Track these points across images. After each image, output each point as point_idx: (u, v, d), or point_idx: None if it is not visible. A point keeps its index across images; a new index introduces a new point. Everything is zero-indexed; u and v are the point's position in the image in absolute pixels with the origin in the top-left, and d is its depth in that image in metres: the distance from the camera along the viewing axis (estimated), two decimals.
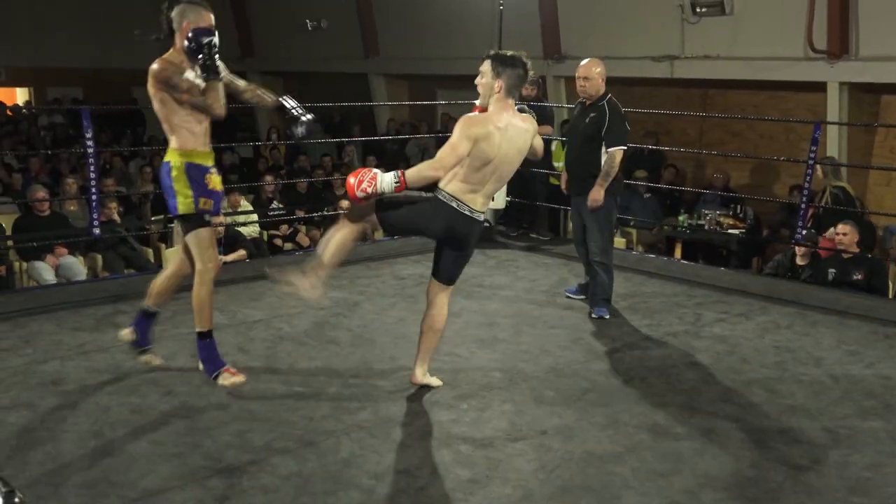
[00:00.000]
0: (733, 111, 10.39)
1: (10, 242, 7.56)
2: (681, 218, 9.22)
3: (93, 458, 3.39)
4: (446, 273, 4.01)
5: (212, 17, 3.84)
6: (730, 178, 10.28)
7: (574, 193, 5.67)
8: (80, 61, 16.24)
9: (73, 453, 3.43)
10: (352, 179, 3.74)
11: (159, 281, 4.20)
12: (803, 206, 6.81)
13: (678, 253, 9.05)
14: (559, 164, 8.29)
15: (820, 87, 9.08)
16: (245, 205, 9.11)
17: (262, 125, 16.26)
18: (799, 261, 7.13)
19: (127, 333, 4.27)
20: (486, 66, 3.87)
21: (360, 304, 5.69)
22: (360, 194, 3.72)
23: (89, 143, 6.10)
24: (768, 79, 9.48)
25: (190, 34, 3.74)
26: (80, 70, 16.48)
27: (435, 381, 4.20)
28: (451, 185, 3.84)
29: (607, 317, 5.51)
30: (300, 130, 4.09)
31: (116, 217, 8.20)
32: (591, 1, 10.73)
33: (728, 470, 3.41)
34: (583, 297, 5.83)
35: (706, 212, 9.12)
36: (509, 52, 3.86)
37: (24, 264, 7.44)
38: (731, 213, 9.33)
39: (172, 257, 4.30)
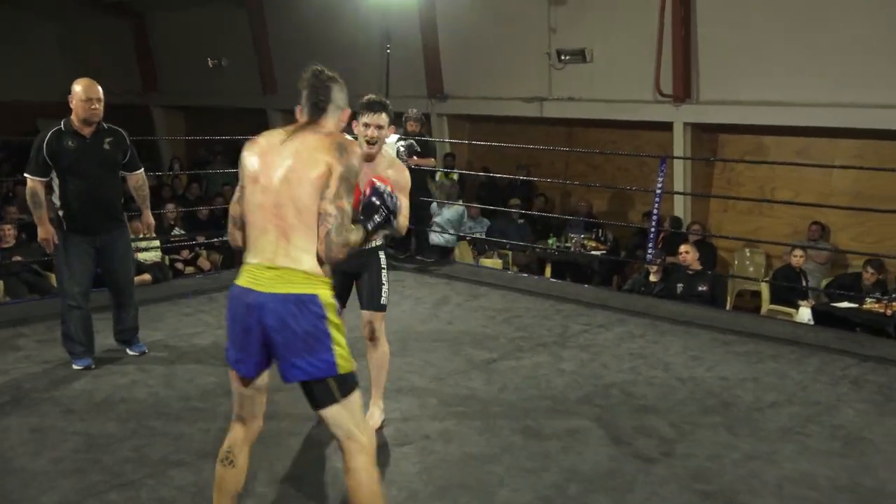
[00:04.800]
0: (594, 147, 10.76)
1: None
2: (550, 241, 9.48)
3: None
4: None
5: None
6: (592, 206, 10.63)
7: (101, 231, 4.48)
8: None
9: None
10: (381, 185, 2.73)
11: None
12: (653, 229, 7.13)
13: (548, 272, 9.28)
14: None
15: (667, 127, 9.50)
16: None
17: (165, 154, 15.77)
18: (652, 277, 7.45)
19: None
20: (384, 119, 3.52)
21: None
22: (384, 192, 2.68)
23: None
24: (623, 119, 9.88)
25: (375, 188, 2.64)
26: None
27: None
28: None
29: (93, 367, 4.48)
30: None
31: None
32: (469, 47, 10.93)
33: (590, 464, 3.50)
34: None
35: (572, 235, 9.42)
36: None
37: None
38: (593, 236, 9.66)
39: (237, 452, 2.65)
